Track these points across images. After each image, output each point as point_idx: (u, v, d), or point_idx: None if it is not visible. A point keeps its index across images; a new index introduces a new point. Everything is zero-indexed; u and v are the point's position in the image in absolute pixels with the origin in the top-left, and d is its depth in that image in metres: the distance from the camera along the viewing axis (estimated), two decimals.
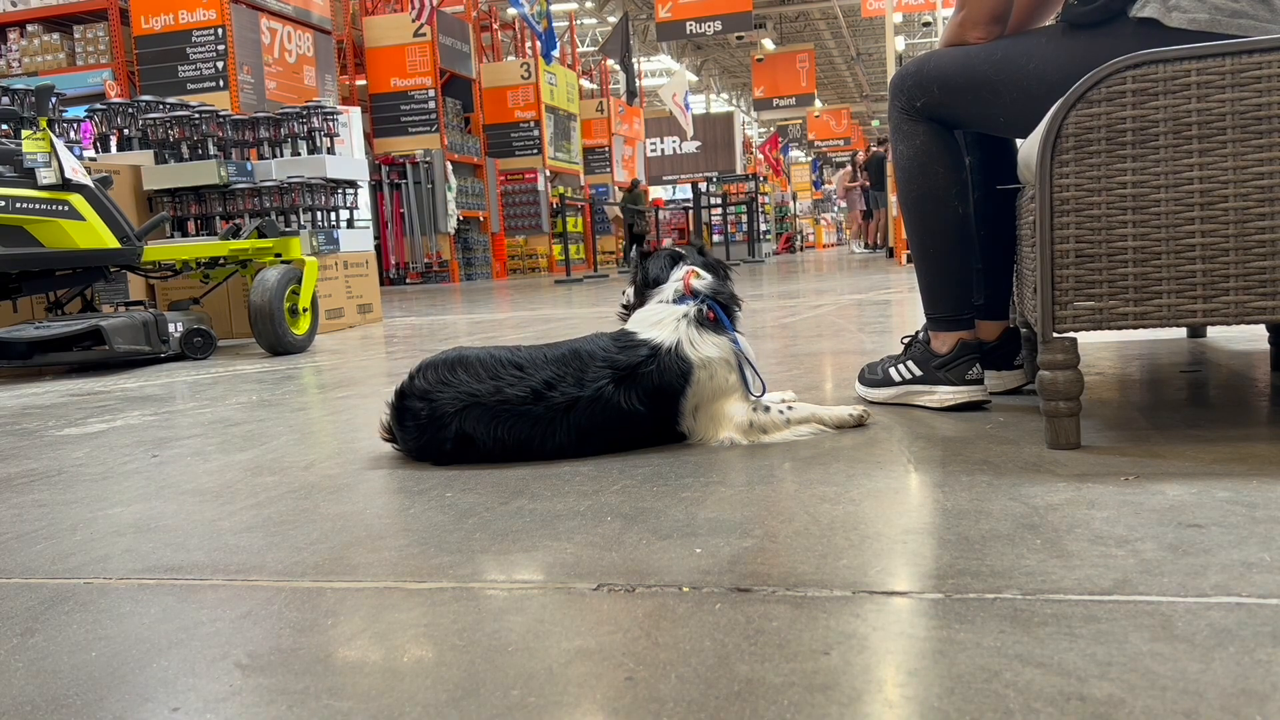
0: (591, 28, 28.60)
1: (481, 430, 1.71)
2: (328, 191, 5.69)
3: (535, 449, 1.72)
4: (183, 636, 1.03)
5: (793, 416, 1.84)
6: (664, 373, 1.74)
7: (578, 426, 1.72)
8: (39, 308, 4.60)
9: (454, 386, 1.72)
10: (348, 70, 14.41)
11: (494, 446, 1.72)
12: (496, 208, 16.10)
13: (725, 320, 1.84)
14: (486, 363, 1.74)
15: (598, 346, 1.77)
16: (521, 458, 1.73)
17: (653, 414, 1.75)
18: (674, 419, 1.78)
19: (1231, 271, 1.49)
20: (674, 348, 1.75)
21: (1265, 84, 1.44)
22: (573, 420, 1.71)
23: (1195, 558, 1.06)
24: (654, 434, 1.80)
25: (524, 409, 1.71)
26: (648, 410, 1.74)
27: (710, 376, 1.77)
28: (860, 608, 0.99)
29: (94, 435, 2.37)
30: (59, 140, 3.92)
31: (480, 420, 1.71)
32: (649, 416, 1.75)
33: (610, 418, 1.72)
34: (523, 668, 0.90)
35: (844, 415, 1.88)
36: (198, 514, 1.53)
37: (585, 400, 1.71)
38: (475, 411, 1.71)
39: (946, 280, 2.07)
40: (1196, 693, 0.77)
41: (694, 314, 1.81)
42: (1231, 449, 1.53)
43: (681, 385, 1.75)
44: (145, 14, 10.08)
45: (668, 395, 1.75)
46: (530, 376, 1.72)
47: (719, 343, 1.79)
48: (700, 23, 16.67)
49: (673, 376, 1.74)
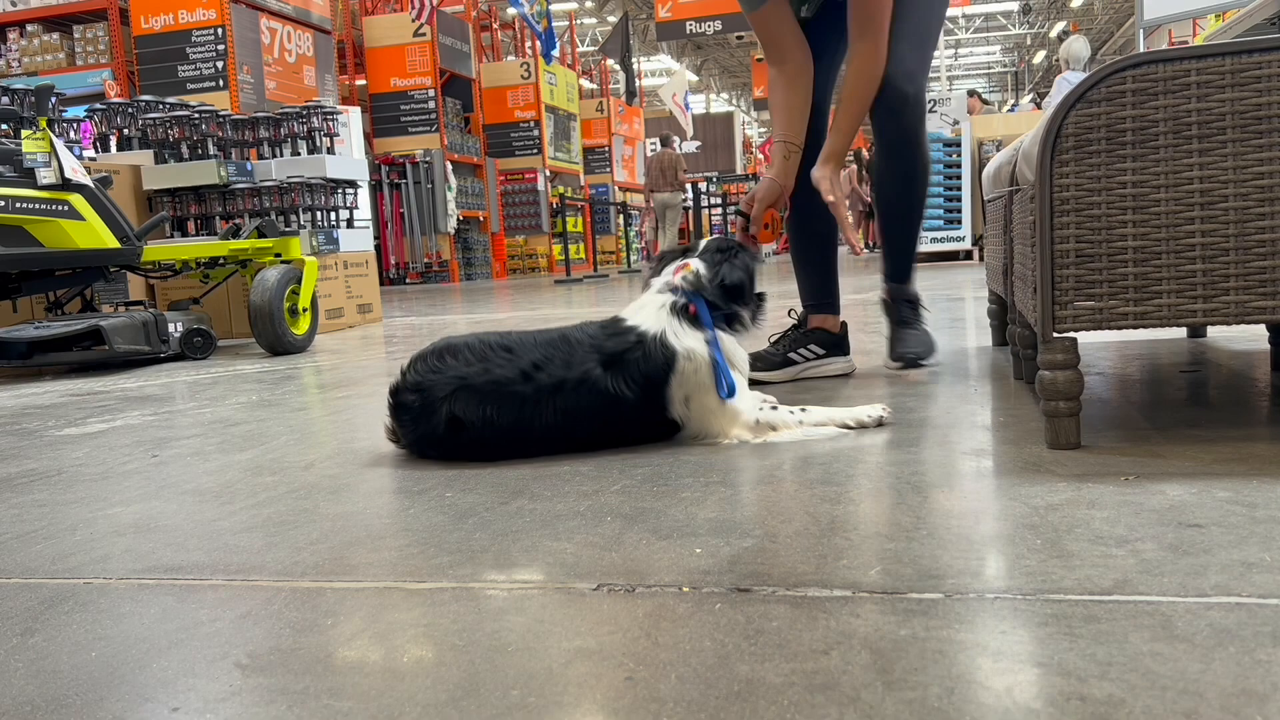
0: (591, 28, 28.60)
1: (471, 412, 1.71)
2: (328, 191, 5.69)
3: (525, 431, 1.72)
4: (183, 636, 1.03)
5: (806, 419, 1.84)
6: (649, 359, 1.75)
7: (565, 409, 1.72)
8: (39, 308, 4.60)
9: (443, 372, 1.74)
10: (348, 70, 14.40)
11: (484, 428, 1.71)
12: (496, 208, 16.09)
13: (705, 316, 1.83)
14: (475, 347, 1.76)
15: (585, 333, 1.79)
16: (514, 444, 1.74)
17: (642, 400, 1.76)
18: (663, 406, 1.78)
19: (1231, 271, 1.49)
20: (659, 336, 1.77)
21: (1265, 84, 1.44)
22: (560, 403, 1.72)
23: (1195, 558, 1.06)
24: (648, 423, 1.80)
25: (512, 389, 1.71)
26: (636, 397, 1.75)
27: (695, 370, 1.78)
28: (860, 608, 0.99)
29: (94, 435, 2.37)
30: (59, 140, 3.92)
31: (469, 402, 1.71)
32: (639, 404, 1.75)
33: (598, 401, 1.73)
34: (523, 668, 0.90)
35: (863, 416, 1.87)
36: (198, 514, 1.53)
37: (572, 382, 1.72)
38: (464, 394, 1.71)
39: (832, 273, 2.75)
40: (1196, 693, 0.77)
41: (676, 305, 1.83)
42: (1231, 449, 1.53)
43: (665, 374, 1.76)
44: (145, 14, 10.08)
45: (654, 382, 1.76)
46: (519, 359, 1.74)
47: (700, 337, 1.80)
48: (700, 23, 16.66)
49: (657, 364, 1.76)
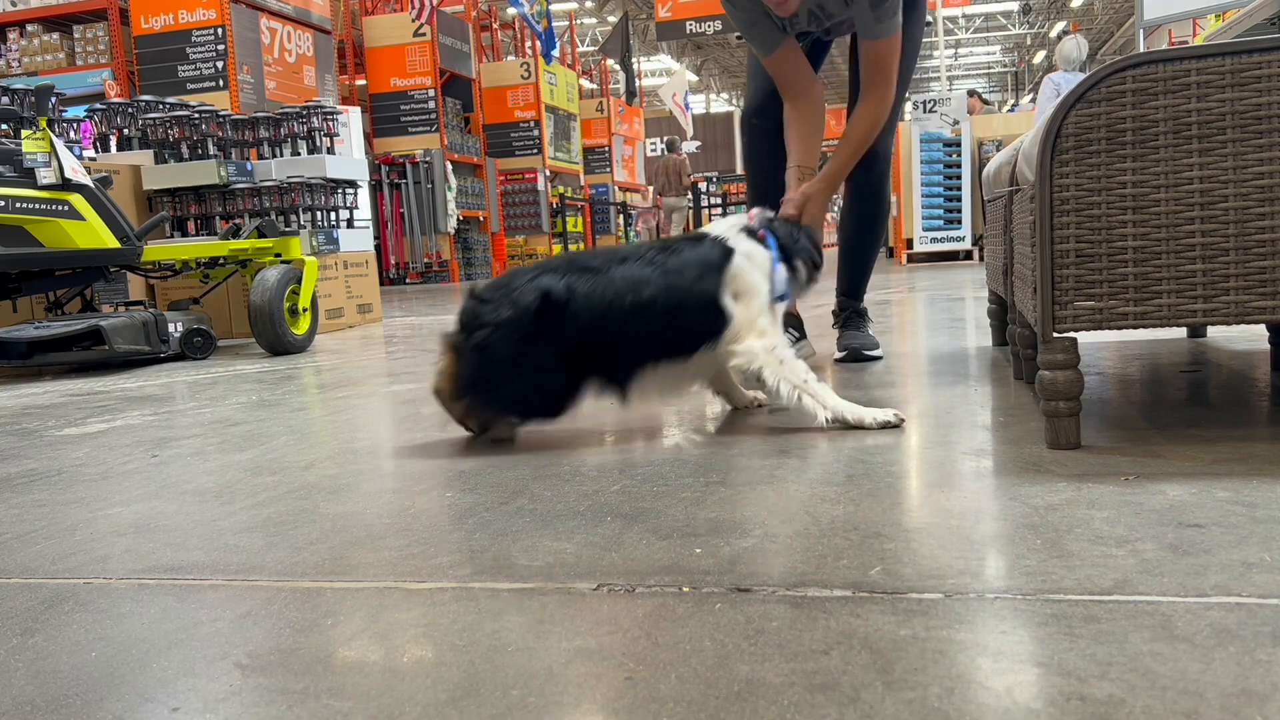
0: (591, 28, 28.60)
1: (557, 284, 1.83)
2: (328, 191, 5.69)
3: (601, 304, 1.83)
4: (183, 636, 1.03)
5: (810, 388, 1.87)
6: (711, 249, 1.94)
7: (632, 278, 1.86)
8: (39, 308, 4.60)
9: (523, 277, 1.88)
10: (348, 70, 14.40)
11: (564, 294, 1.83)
12: (496, 208, 16.09)
13: (772, 243, 2.01)
14: (553, 262, 1.92)
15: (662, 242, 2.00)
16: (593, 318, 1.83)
17: (699, 278, 1.88)
18: (716, 291, 1.89)
19: (1231, 271, 1.49)
20: (723, 238, 1.97)
21: (1265, 84, 1.44)
22: (628, 271, 1.87)
23: (1195, 558, 1.06)
24: (701, 306, 1.88)
25: (590, 263, 1.89)
26: (694, 277, 1.88)
27: (749, 270, 1.92)
28: (860, 608, 0.99)
29: (94, 435, 2.37)
30: (59, 140, 3.92)
31: (553, 279, 1.85)
32: (696, 281, 1.88)
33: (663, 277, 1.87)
34: (523, 668, 0.90)
35: (864, 416, 1.86)
36: (198, 514, 1.53)
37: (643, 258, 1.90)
38: (548, 276, 1.85)
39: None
40: (1196, 693, 0.77)
41: (748, 227, 2.02)
42: (1231, 449, 1.53)
43: (723, 262, 1.91)
44: (145, 14, 10.07)
45: (711, 267, 1.90)
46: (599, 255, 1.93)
47: (763, 251, 1.98)
48: (700, 23, 16.65)
49: (718, 253, 1.93)
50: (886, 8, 2.37)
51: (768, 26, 2.48)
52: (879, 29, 2.41)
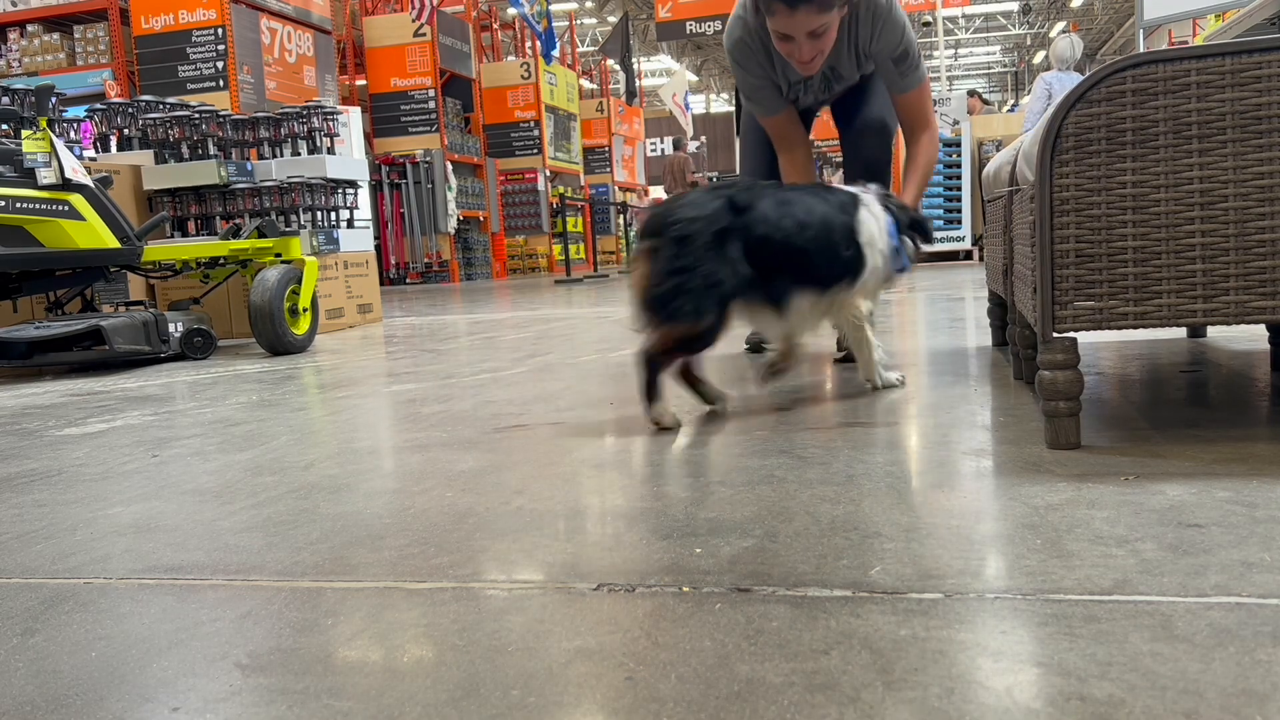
0: (591, 28, 28.60)
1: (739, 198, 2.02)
2: (328, 191, 5.69)
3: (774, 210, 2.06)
4: (183, 636, 1.03)
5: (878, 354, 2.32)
6: (851, 198, 2.23)
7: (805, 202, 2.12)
8: (39, 308, 4.60)
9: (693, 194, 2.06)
10: (348, 70, 14.40)
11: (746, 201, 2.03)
12: (496, 208, 16.09)
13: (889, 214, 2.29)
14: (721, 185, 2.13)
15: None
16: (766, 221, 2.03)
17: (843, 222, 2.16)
18: (854, 230, 2.17)
19: (1231, 271, 1.49)
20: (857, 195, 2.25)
21: (1265, 84, 1.44)
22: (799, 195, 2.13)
23: (1195, 558, 1.06)
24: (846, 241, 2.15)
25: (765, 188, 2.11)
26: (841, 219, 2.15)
27: (873, 223, 2.20)
28: (860, 608, 0.99)
29: (94, 435, 2.37)
30: (59, 140, 3.92)
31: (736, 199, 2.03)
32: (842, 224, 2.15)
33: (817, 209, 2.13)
34: (523, 668, 0.90)
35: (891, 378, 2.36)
36: (198, 514, 1.53)
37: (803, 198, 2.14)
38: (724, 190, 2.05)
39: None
40: (1196, 693, 0.77)
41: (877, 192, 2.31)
42: (1231, 449, 1.53)
43: (855, 209, 2.20)
44: (145, 14, 10.08)
45: (849, 209, 2.19)
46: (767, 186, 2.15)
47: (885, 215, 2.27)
48: (700, 23, 16.64)
49: (853, 204, 2.22)
50: (909, 63, 2.61)
51: (773, 92, 2.75)
52: (905, 83, 2.65)
